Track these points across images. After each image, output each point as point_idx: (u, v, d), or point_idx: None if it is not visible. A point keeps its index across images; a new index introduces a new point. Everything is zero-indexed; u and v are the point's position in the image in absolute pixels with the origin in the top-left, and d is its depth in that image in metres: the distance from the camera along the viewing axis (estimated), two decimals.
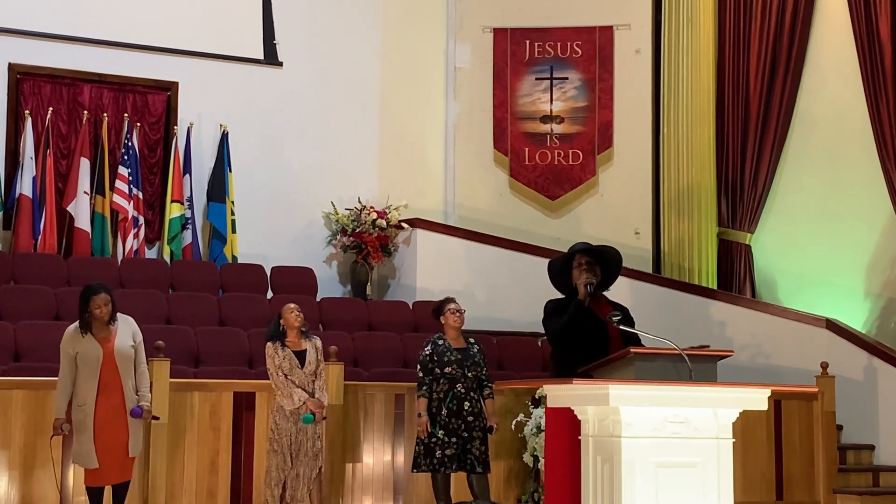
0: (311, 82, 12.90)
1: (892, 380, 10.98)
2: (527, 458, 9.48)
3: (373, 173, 13.14)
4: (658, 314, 11.42)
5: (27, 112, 11.45)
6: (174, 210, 11.77)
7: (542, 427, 9.00)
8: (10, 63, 11.56)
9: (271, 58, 12.76)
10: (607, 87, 13.38)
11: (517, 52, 13.54)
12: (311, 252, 12.59)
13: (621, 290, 8.64)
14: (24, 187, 11.19)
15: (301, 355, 8.53)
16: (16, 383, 8.39)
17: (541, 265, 8.45)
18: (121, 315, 7.82)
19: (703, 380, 6.21)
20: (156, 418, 8.15)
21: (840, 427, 10.86)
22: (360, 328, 11.31)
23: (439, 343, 8.82)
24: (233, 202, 12.08)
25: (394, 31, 13.46)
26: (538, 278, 8.53)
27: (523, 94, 13.52)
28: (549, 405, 6.45)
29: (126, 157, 11.63)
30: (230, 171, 12.14)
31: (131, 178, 11.60)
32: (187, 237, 11.85)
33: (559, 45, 13.48)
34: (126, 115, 11.83)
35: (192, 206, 11.89)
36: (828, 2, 12.69)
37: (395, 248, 12.80)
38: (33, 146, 11.33)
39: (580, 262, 7.36)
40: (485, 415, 8.78)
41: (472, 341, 8.98)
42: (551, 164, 13.41)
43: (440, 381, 8.71)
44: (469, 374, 8.74)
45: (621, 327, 6.87)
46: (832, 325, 11.45)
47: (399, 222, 12.72)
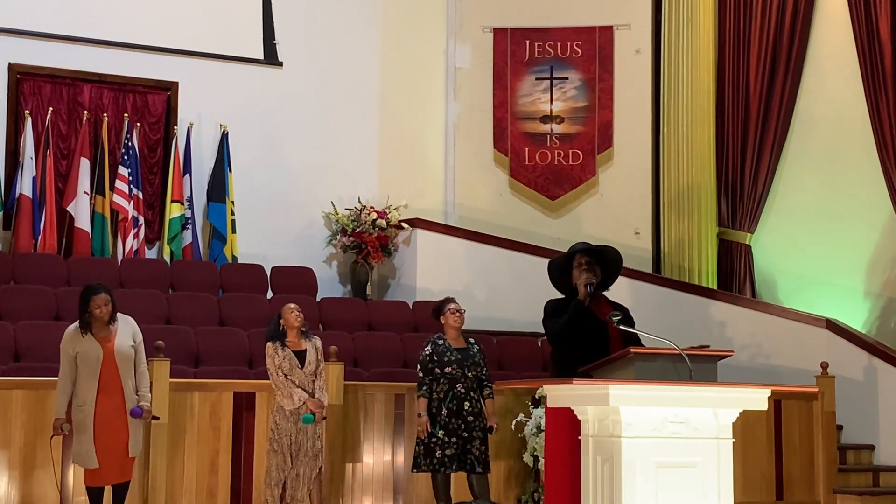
0: (311, 82, 12.90)
1: (892, 380, 10.98)
2: (527, 458, 9.47)
3: (373, 173, 13.14)
4: (658, 314, 11.41)
5: (27, 112, 11.45)
6: (174, 210, 11.77)
7: (542, 427, 8.99)
8: (10, 63, 11.56)
9: (271, 58, 12.76)
10: (607, 87, 13.38)
11: (517, 52, 13.53)
12: (311, 252, 12.58)
13: (621, 290, 8.64)
14: (24, 187, 11.19)
15: (301, 355, 8.53)
16: (16, 383, 8.38)
17: (541, 265, 8.45)
18: (121, 315, 7.81)
19: (703, 380, 6.21)
20: (156, 418, 8.15)
21: (840, 427, 10.86)
22: (360, 328, 11.31)
23: (439, 343, 8.82)
24: (233, 202, 12.08)
25: (394, 31, 13.46)
26: (538, 278, 8.53)
27: (523, 94, 13.51)
28: (549, 405, 6.44)
29: (126, 157, 11.63)
30: (230, 171, 12.14)
31: (131, 178, 11.59)
32: (187, 237, 11.85)
33: (559, 45, 13.47)
34: (126, 115, 11.82)
35: (192, 206, 11.89)
36: (828, 2, 12.69)
37: (395, 248, 12.79)
38: (33, 146, 11.33)
39: (580, 262, 7.37)
40: (485, 415, 8.78)
41: (472, 341, 8.98)
42: (551, 164, 13.41)
43: (440, 381, 8.70)
44: (469, 374, 8.74)
45: (621, 327, 6.87)
46: (832, 325, 11.44)
47: (399, 222, 12.72)
